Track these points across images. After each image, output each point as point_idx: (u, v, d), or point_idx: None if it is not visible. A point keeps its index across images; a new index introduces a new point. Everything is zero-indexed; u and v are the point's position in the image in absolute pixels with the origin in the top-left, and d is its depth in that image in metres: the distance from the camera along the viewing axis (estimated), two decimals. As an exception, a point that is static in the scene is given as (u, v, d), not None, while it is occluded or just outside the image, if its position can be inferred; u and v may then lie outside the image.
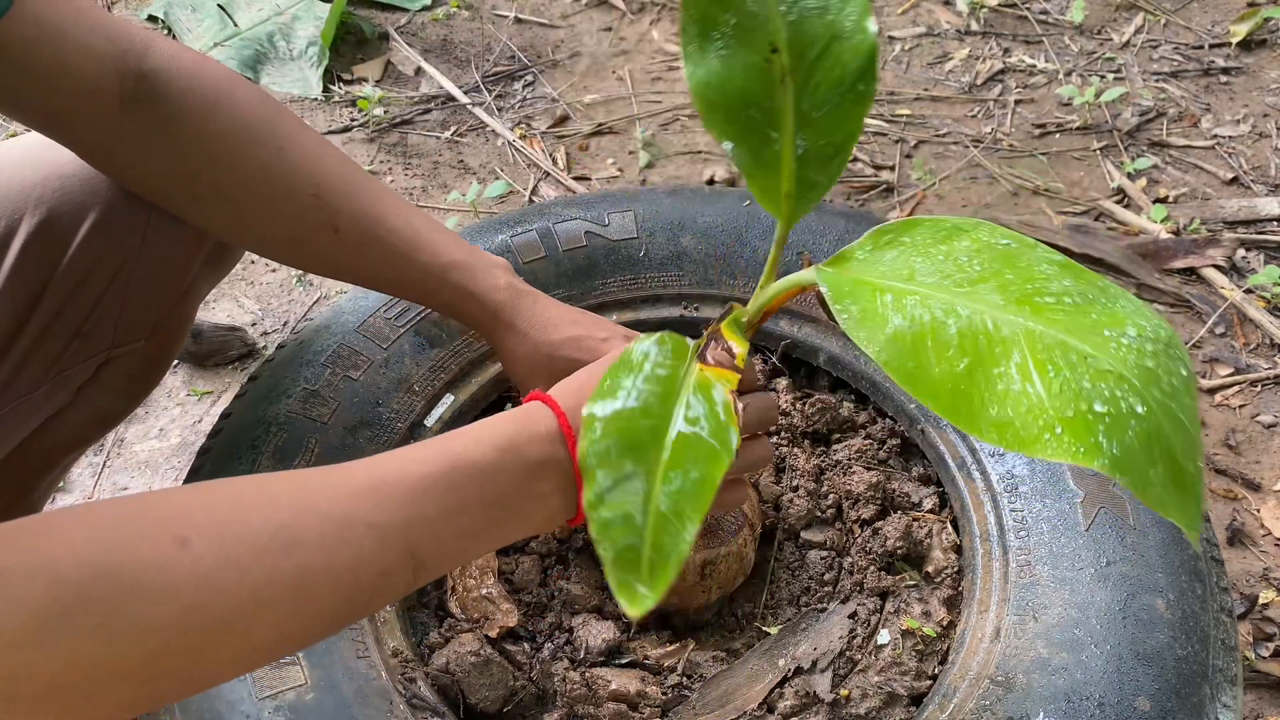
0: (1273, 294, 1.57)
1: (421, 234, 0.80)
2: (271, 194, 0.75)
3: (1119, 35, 2.17)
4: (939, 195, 1.81)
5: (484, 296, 0.82)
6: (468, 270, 0.81)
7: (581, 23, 2.27)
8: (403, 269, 0.80)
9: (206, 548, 0.47)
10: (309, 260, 0.82)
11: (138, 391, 0.97)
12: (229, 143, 0.73)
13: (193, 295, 0.93)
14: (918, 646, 0.84)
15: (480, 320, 0.83)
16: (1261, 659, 1.15)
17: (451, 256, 0.81)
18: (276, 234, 0.79)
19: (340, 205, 0.77)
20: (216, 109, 0.73)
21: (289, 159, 0.75)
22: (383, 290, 0.87)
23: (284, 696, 0.72)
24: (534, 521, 0.61)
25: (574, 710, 0.81)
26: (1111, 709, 0.72)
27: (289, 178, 0.75)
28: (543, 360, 0.82)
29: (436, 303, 0.84)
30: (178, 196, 0.78)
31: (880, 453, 1.00)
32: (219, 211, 0.78)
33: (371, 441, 0.92)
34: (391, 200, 0.80)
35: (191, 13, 2.19)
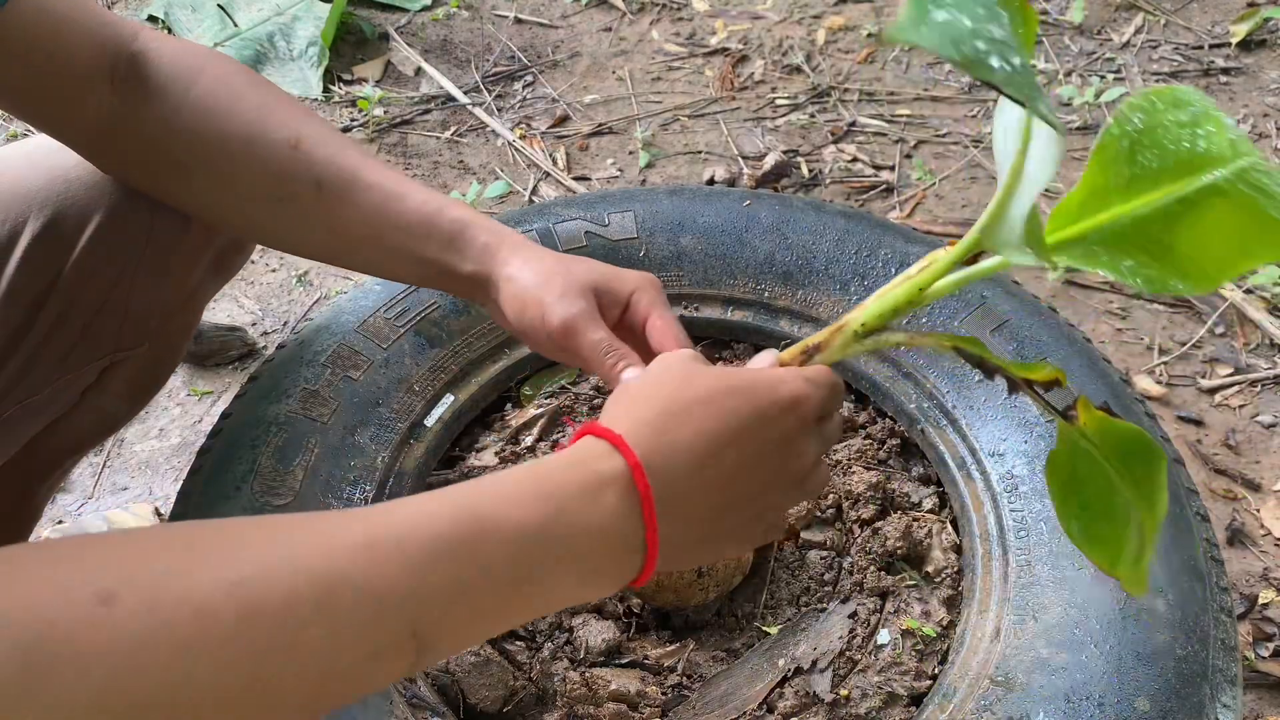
0: (1272, 294, 1.57)
1: (408, 183, 0.77)
2: (251, 151, 0.74)
3: (1119, 35, 2.17)
4: (939, 195, 1.81)
5: (489, 223, 0.76)
6: (464, 208, 0.77)
7: (581, 23, 2.27)
8: (392, 217, 0.75)
9: (135, 606, 0.36)
10: (297, 225, 0.78)
11: (141, 396, 0.97)
12: (209, 106, 0.74)
13: (197, 300, 0.93)
14: (918, 646, 0.84)
15: (485, 244, 0.75)
16: (1261, 659, 1.15)
17: (445, 200, 0.77)
18: (259, 194, 0.77)
19: (321, 156, 0.75)
20: (199, 76, 0.74)
21: (268, 116, 0.75)
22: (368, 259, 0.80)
23: (284, 696, 0.72)
24: (576, 598, 0.51)
25: (574, 710, 0.81)
26: (1111, 709, 0.72)
27: (268, 132, 0.74)
28: (560, 269, 0.73)
29: (429, 252, 0.75)
30: (168, 176, 0.77)
31: (880, 453, 1.00)
32: (206, 184, 0.77)
33: (372, 441, 0.92)
34: (374, 159, 0.79)
35: (191, 13, 2.19)
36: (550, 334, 0.71)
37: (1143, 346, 1.53)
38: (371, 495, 0.89)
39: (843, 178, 1.84)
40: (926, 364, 0.99)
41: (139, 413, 1.01)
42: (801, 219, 1.09)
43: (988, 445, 0.92)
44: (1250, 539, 1.28)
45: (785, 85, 2.08)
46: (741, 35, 2.22)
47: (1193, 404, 1.45)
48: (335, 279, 1.67)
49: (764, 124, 1.98)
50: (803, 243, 1.07)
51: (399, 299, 1.01)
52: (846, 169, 1.86)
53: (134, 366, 0.90)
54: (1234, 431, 1.40)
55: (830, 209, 1.11)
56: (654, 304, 0.75)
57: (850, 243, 1.06)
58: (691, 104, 2.03)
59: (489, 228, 0.76)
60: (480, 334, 1.03)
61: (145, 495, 1.35)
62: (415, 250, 0.76)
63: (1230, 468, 1.36)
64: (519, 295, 0.73)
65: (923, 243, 1.07)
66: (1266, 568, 1.24)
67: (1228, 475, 1.35)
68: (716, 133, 1.96)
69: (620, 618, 0.90)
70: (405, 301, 1.01)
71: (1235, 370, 1.48)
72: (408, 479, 0.93)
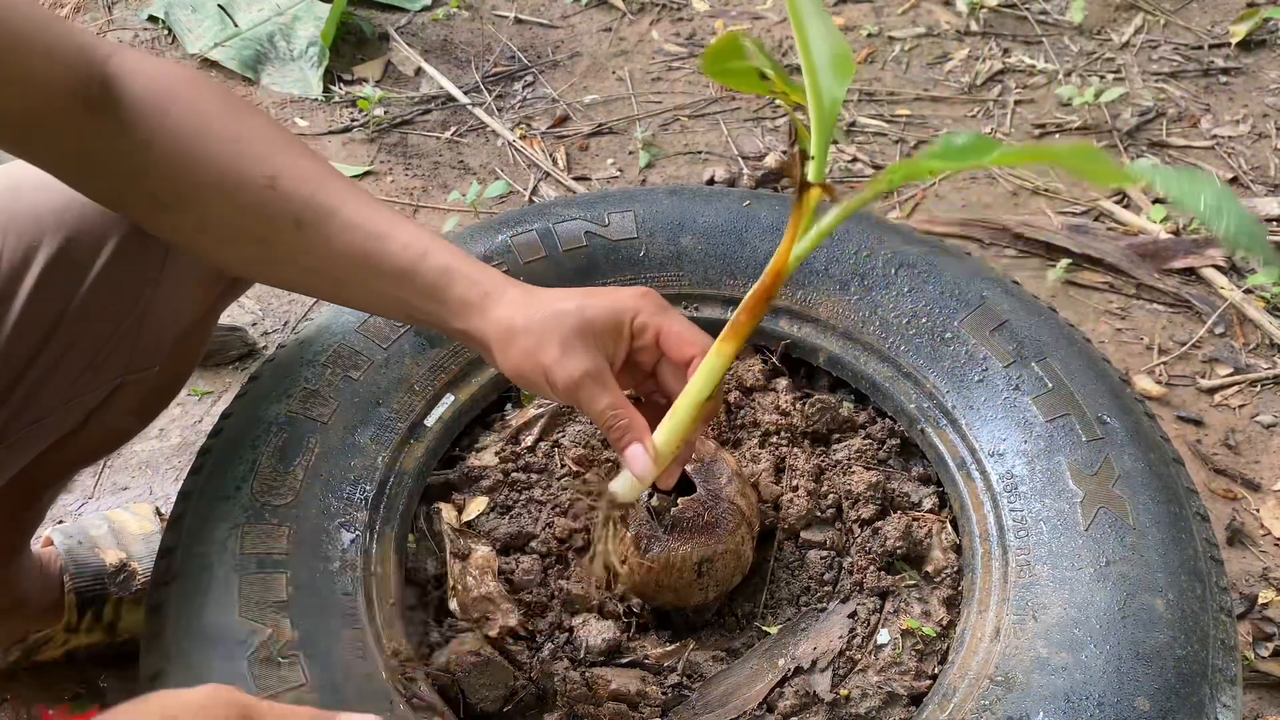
0: (1272, 294, 1.57)
1: (392, 222, 0.74)
2: (225, 187, 0.71)
3: (1119, 35, 2.17)
4: (939, 195, 1.81)
5: (472, 271, 0.74)
6: (450, 252, 0.74)
7: (581, 23, 2.27)
8: (373, 261, 0.73)
9: None
10: (279, 264, 0.76)
11: (150, 413, 0.96)
12: (183, 138, 0.70)
13: (211, 319, 0.93)
14: (917, 646, 0.84)
15: (466, 299, 0.73)
16: (1261, 659, 1.15)
17: (430, 242, 0.74)
18: (237, 233, 0.74)
19: (300, 194, 0.72)
20: (172, 105, 0.70)
21: (244, 151, 0.72)
22: (353, 299, 0.80)
23: (284, 697, 0.72)
24: None
25: (574, 710, 0.81)
26: (1111, 709, 0.72)
27: (243, 169, 0.71)
28: (553, 322, 0.71)
29: (412, 292, 0.74)
30: (144, 207, 0.74)
31: (880, 453, 1.00)
32: (183, 217, 0.73)
33: (372, 441, 0.92)
34: (357, 193, 0.75)
35: (192, 13, 2.19)
36: (557, 394, 0.72)
37: (1142, 346, 1.53)
38: (372, 495, 0.89)
39: (843, 178, 1.84)
40: (926, 364, 0.99)
41: (147, 427, 1.00)
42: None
43: (987, 445, 0.92)
44: (1250, 539, 1.28)
45: (785, 85, 2.08)
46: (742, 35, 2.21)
47: (1192, 404, 1.45)
48: (335, 279, 1.67)
49: (764, 124, 1.98)
50: (803, 243, 1.07)
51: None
52: (846, 169, 1.86)
53: (144, 387, 0.89)
54: (1234, 431, 1.41)
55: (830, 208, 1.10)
56: (658, 316, 0.73)
57: (850, 243, 1.06)
58: (691, 104, 2.03)
59: (470, 277, 0.73)
60: (480, 334, 1.03)
61: (145, 495, 1.35)
62: (397, 296, 0.74)
63: (1230, 468, 1.36)
64: (514, 358, 0.72)
65: (923, 243, 1.07)
66: (1266, 568, 1.24)
67: (1227, 475, 1.35)
68: (716, 133, 1.96)
69: (620, 617, 0.90)
70: (405, 301, 1.01)
71: (1235, 370, 1.49)
72: (408, 479, 0.93)
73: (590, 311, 0.72)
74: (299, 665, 0.74)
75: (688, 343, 0.73)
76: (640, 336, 0.73)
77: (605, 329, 0.72)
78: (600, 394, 0.71)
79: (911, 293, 1.02)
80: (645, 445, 0.71)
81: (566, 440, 1.01)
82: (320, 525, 0.85)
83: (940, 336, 0.99)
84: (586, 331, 0.71)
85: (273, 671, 0.74)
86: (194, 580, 0.79)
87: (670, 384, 0.76)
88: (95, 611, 1.08)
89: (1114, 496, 0.84)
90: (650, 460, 0.71)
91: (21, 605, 1.04)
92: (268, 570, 0.80)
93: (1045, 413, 0.91)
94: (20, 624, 1.06)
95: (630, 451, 0.71)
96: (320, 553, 0.83)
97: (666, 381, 0.76)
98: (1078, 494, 0.85)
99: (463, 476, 0.99)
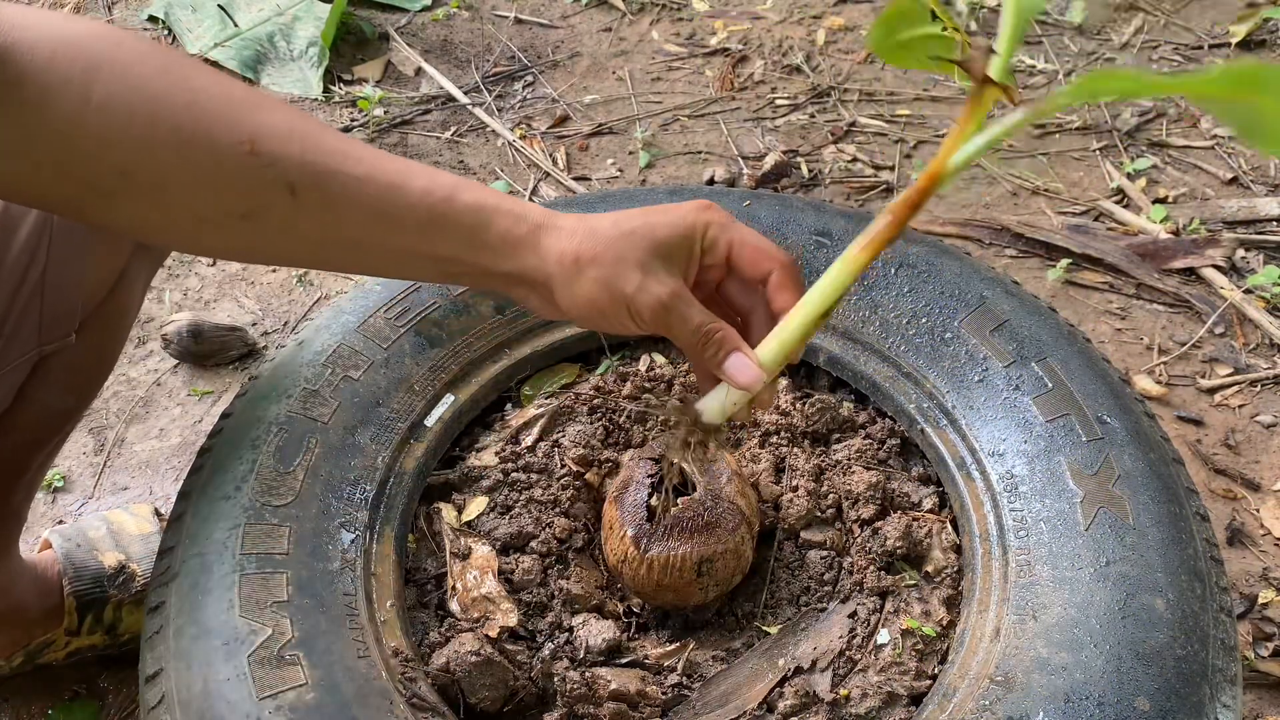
0: (1272, 294, 1.57)
1: (404, 168, 0.64)
2: (193, 160, 0.59)
3: (1119, 35, 2.17)
4: (939, 195, 1.81)
5: (511, 205, 0.65)
6: (479, 189, 0.65)
7: (581, 23, 2.27)
8: (393, 215, 0.63)
9: None
10: (273, 240, 0.65)
11: (86, 386, 0.94)
12: (121, 112, 0.57)
13: (129, 284, 0.89)
14: (917, 646, 0.84)
15: (512, 236, 0.64)
16: (1261, 659, 1.15)
17: (454, 182, 0.65)
18: (216, 215, 0.62)
19: (289, 154, 0.60)
20: (95, 75, 0.57)
21: (205, 112, 0.59)
22: (371, 264, 0.68)
23: (284, 696, 0.72)
24: None
25: (574, 710, 0.81)
26: (1111, 709, 0.72)
27: (210, 135, 0.59)
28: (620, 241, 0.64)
29: (444, 242, 0.64)
30: (86, 200, 0.60)
31: (880, 453, 1.00)
32: (140, 205, 0.61)
33: (372, 441, 0.92)
34: (352, 143, 0.64)
35: (192, 13, 2.19)
36: (641, 324, 0.65)
37: (1142, 346, 1.53)
38: (372, 495, 0.89)
39: (843, 178, 1.84)
40: (926, 364, 0.99)
41: (90, 403, 0.99)
42: (801, 219, 1.09)
43: (987, 445, 0.92)
44: (1250, 539, 1.28)
45: (785, 85, 2.08)
46: (741, 35, 2.22)
47: (1192, 404, 1.45)
48: (336, 279, 1.67)
49: (764, 124, 1.98)
50: (803, 242, 1.07)
51: (399, 299, 1.01)
52: (846, 169, 1.86)
53: (71, 358, 0.87)
54: (1234, 431, 1.41)
55: (830, 209, 1.11)
56: (729, 230, 0.67)
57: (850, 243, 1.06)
58: (691, 104, 2.03)
59: (512, 212, 0.65)
60: (480, 334, 1.03)
61: (146, 495, 1.35)
62: (429, 250, 0.65)
63: (1230, 468, 1.36)
64: (587, 292, 0.64)
65: (923, 243, 1.07)
66: (1266, 568, 1.24)
67: (1227, 475, 1.35)
68: (716, 133, 1.96)
69: (620, 617, 0.90)
70: (405, 301, 1.01)
71: (1235, 370, 1.48)
72: (408, 479, 0.93)
73: (661, 231, 0.65)
74: (299, 665, 0.74)
75: (766, 256, 0.66)
76: (711, 253, 0.67)
77: (678, 247, 0.66)
78: (691, 312, 0.65)
79: (911, 293, 1.03)
80: (747, 354, 0.65)
81: (566, 440, 1.01)
82: (320, 525, 0.85)
83: (940, 336, 1.00)
84: (662, 251, 0.65)
85: (273, 671, 0.74)
86: (194, 580, 0.79)
87: (740, 301, 0.70)
88: (96, 614, 1.08)
89: (1114, 496, 0.84)
90: (756, 368, 0.64)
91: (19, 612, 1.04)
92: (268, 570, 0.80)
93: (1045, 413, 0.91)
94: (21, 630, 1.06)
95: (732, 362, 0.64)
96: (320, 553, 0.83)
97: (735, 299, 0.70)
98: (1078, 494, 0.85)
99: (463, 476, 0.99)
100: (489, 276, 0.66)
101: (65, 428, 0.97)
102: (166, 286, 1.67)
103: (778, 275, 0.67)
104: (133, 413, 1.46)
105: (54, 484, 1.35)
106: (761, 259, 0.67)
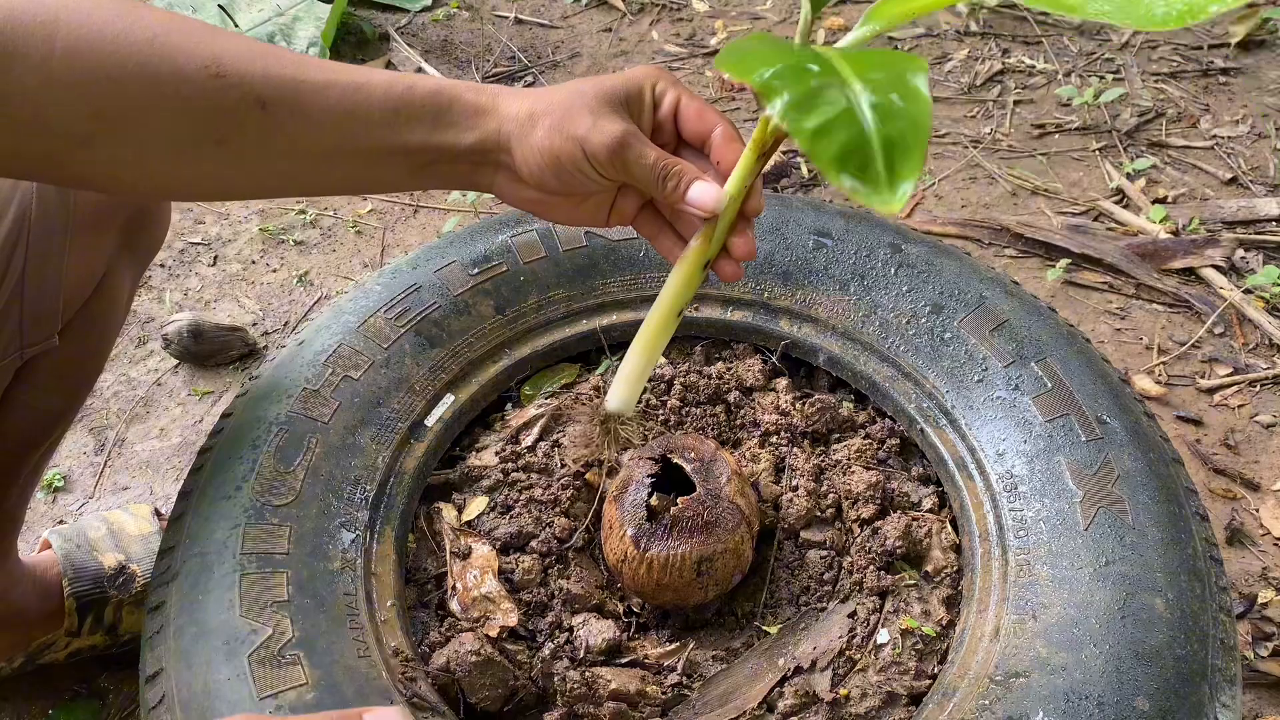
0: (1271, 294, 1.57)
1: (363, 70, 0.67)
2: (163, 92, 0.61)
3: (1118, 36, 2.17)
4: (938, 195, 1.81)
5: (469, 85, 0.68)
6: (436, 78, 0.69)
7: (581, 23, 2.27)
8: (361, 113, 0.65)
9: None
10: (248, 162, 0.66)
11: (75, 388, 0.94)
12: (85, 57, 0.59)
13: (113, 285, 0.89)
14: (917, 646, 0.84)
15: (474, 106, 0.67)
16: (1260, 658, 1.15)
17: (412, 76, 0.68)
18: (192, 144, 0.63)
19: (253, 71, 0.62)
20: (55, 26, 0.59)
21: (167, 44, 0.61)
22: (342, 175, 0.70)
23: (284, 696, 0.73)
24: None
25: (574, 710, 0.81)
26: (1111, 708, 0.72)
27: (175, 63, 0.61)
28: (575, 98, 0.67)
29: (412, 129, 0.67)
30: (63, 152, 0.62)
31: (880, 453, 1.00)
32: (117, 147, 0.62)
33: (372, 441, 0.92)
34: (308, 57, 0.66)
35: (192, 13, 2.19)
36: (599, 166, 0.67)
37: (1142, 346, 1.53)
38: (372, 495, 0.89)
39: (842, 178, 1.84)
40: (926, 364, 0.99)
41: (81, 404, 0.98)
42: (801, 219, 1.09)
43: (987, 445, 0.92)
44: (1249, 539, 1.28)
45: (785, 85, 2.08)
46: (741, 35, 2.22)
47: (1192, 404, 1.45)
48: (336, 279, 1.67)
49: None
50: (802, 242, 1.07)
51: (399, 299, 1.01)
52: (846, 169, 1.86)
53: (58, 360, 0.86)
54: (1233, 431, 1.41)
55: (830, 209, 1.11)
56: (676, 87, 0.70)
57: (850, 243, 1.06)
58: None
59: (473, 87, 0.68)
60: (480, 334, 1.03)
61: (146, 495, 1.35)
62: (398, 142, 0.67)
63: (1229, 467, 1.36)
64: (541, 141, 0.66)
65: (923, 243, 1.07)
66: (1265, 567, 1.24)
67: (1227, 475, 1.35)
68: (716, 133, 1.96)
69: (620, 617, 0.90)
70: (405, 301, 1.01)
71: (1234, 370, 1.49)
72: (408, 479, 0.93)
73: (609, 82, 0.68)
74: (299, 664, 0.75)
75: (710, 113, 0.69)
76: (661, 104, 0.70)
77: (630, 95, 0.68)
78: (646, 149, 0.66)
79: (911, 293, 1.03)
80: (707, 180, 0.67)
81: (566, 440, 1.01)
82: (321, 525, 0.85)
83: (940, 336, 1.00)
84: (614, 98, 0.67)
85: (273, 671, 0.74)
86: (195, 580, 0.79)
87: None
88: (96, 615, 1.08)
89: (1114, 496, 0.84)
90: (719, 189, 0.67)
91: (19, 614, 1.04)
92: (268, 570, 0.80)
93: (1045, 413, 0.91)
94: (22, 633, 1.06)
95: (695, 190, 0.66)
96: (321, 552, 0.83)
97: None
98: (1077, 494, 0.85)
99: (463, 476, 0.99)
100: (456, 158, 0.69)
101: (56, 430, 0.97)
102: (167, 286, 1.67)
103: (721, 129, 0.69)
104: (133, 413, 1.46)
105: (54, 484, 1.35)
106: (706, 115, 0.69)
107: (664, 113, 0.70)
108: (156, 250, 0.95)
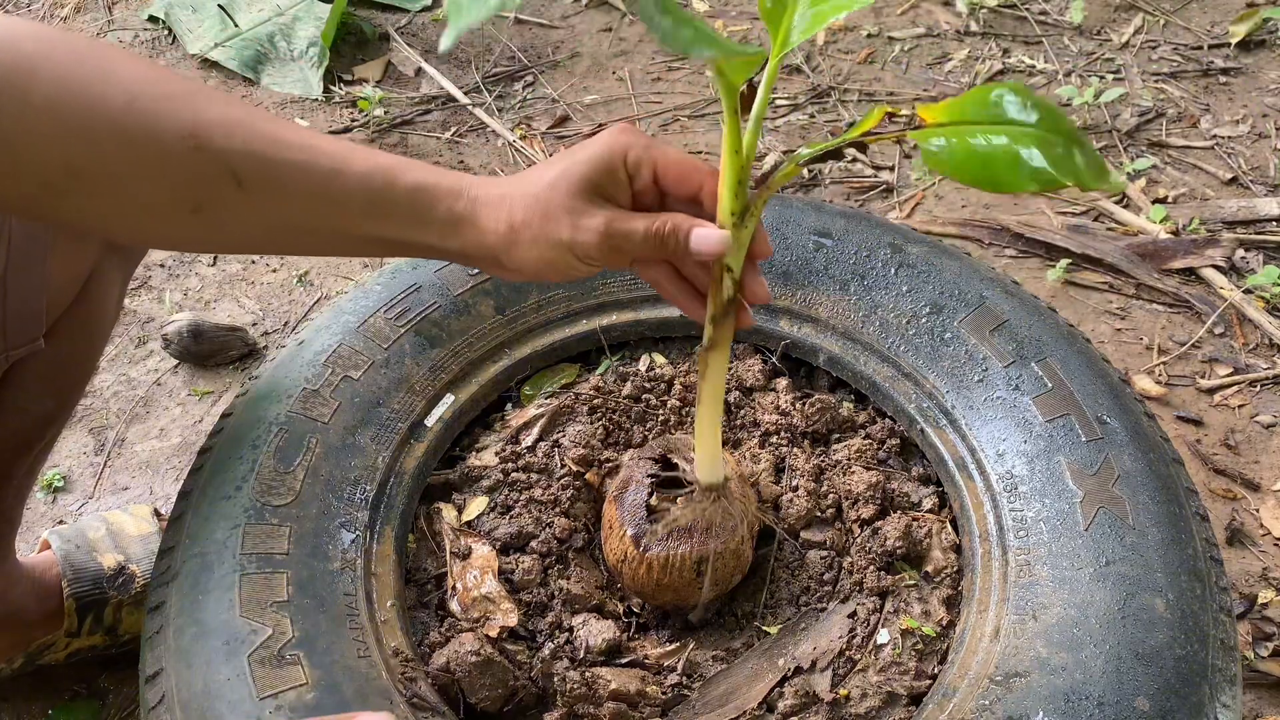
0: (1272, 294, 1.57)
1: (343, 151, 0.66)
2: (139, 159, 0.61)
3: (1118, 36, 2.17)
4: (938, 195, 1.81)
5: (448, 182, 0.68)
6: (414, 167, 0.68)
7: (581, 23, 2.27)
8: (336, 199, 0.65)
9: None
10: (223, 229, 0.67)
11: (66, 390, 0.93)
12: (63, 112, 0.58)
13: (100, 287, 0.88)
14: (917, 646, 0.84)
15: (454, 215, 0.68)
16: (1261, 659, 1.15)
17: (390, 163, 0.67)
18: (168, 209, 0.64)
19: (232, 147, 0.62)
20: (33, 78, 0.57)
21: (145, 110, 0.60)
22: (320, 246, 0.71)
23: (284, 696, 0.72)
24: None
25: (574, 710, 0.81)
26: (1111, 708, 0.72)
27: (152, 130, 0.60)
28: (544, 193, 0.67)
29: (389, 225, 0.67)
30: (42, 198, 0.61)
31: (880, 453, 1.00)
32: (94, 202, 0.63)
33: (372, 441, 0.92)
34: (287, 126, 0.66)
35: (192, 13, 2.19)
36: (594, 262, 0.67)
37: (1142, 346, 1.53)
38: (372, 495, 0.89)
39: (843, 178, 1.84)
40: (926, 364, 0.99)
41: (74, 405, 0.97)
42: (801, 219, 1.09)
43: (987, 445, 0.92)
44: (1250, 539, 1.28)
45: (785, 85, 2.08)
46: (741, 35, 2.22)
47: (1192, 404, 1.45)
48: (335, 279, 1.67)
49: (763, 124, 1.98)
50: (802, 242, 1.07)
51: (399, 299, 1.01)
52: (846, 169, 1.86)
53: (46, 362, 0.86)
54: (1233, 431, 1.41)
55: (830, 209, 1.11)
56: (650, 150, 0.68)
57: (850, 243, 1.06)
58: (691, 104, 2.03)
59: (450, 189, 0.67)
60: (480, 334, 1.03)
61: (146, 495, 1.35)
62: (375, 232, 0.67)
63: (1229, 468, 1.36)
64: (530, 253, 0.67)
65: (923, 243, 1.07)
66: (1266, 567, 1.24)
67: (1227, 475, 1.35)
68: (716, 133, 1.96)
69: (620, 617, 0.90)
70: (405, 301, 1.01)
71: (1234, 370, 1.49)
72: (408, 479, 0.93)
73: (579, 168, 0.67)
74: (299, 665, 0.75)
75: (693, 170, 0.68)
76: (638, 176, 0.69)
77: (602, 177, 0.67)
78: (632, 226, 0.66)
79: (911, 293, 1.03)
80: (703, 225, 0.67)
81: (566, 440, 1.01)
82: (321, 525, 0.85)
83: (940, 337, 1.00)
84: (586, 188, 0.67)
85: (273, 671, 0.74)
86: (195, 580, 0.79)
87: None
88: (95, 615, 1.08)
89: (1114, 496, 0.84)
90: (719, 230, 0.67)
91: (18, 615, 1.04)
92: (268, 570, 0.80)
93: (1045, 413, 0.91)
94: (21, 634, 1.06)
95: (695, 236, 0.67)
96: (321, 553, 0.83)
97: None
98: (1077, 494, 0.85)
99: (463, 476, 0.99)
100: (436, 252, 0.69)
101: (50, 432, 0.97)
102: (166, 286, 1.67)
103: (709, 185, 0.69)
104: (133, 413, 1.46)
105: (54, 484, 1.35)
106: (689, 173, 0.69)
107: (643, 184, 0.69)
108: (143, 254, 0.94)
